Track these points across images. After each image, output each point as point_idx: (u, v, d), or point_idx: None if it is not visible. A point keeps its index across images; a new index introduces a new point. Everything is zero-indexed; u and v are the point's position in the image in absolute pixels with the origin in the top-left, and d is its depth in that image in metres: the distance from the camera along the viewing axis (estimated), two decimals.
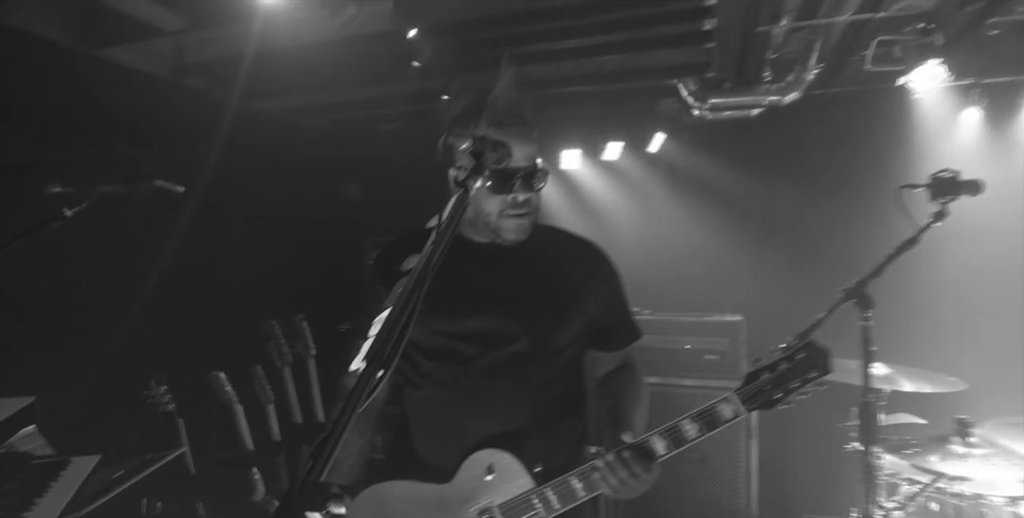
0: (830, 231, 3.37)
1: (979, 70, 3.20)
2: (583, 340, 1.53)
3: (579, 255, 1.54)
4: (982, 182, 1.93)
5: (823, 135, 3.53)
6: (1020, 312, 2.94)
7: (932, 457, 2.09)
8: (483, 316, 1.44)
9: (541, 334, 1.44)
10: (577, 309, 1.48)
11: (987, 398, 2.24)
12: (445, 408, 1.47)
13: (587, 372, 1.60)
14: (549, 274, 1.48)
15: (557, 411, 1.48)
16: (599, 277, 1.53)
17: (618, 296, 1.57)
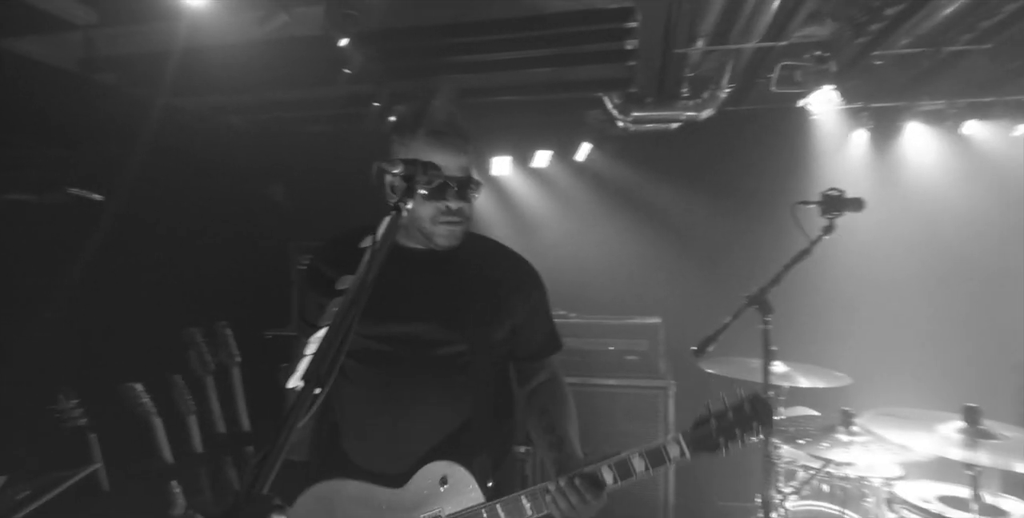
0: (739, 240, 3.64)
1: (867, 95, 3.55)
2: (509, 347, 1.59)
3: (509, 265, 1.61)
4: (864, 200, 2.17)
5: (734, 150, 3.81)
6: (897, 315, 3.32)
7: (822, 445, 2.32)
8: (413, 320, 1.48)
9: (470, 338, 1.49)
10: (505, 316, 1.54)
11: (869, 390, 2.51)
12: (375, 411, 1.50)
13: (514, 380, 1.68)
14: (480, 281, 1.53)
15: (485, 414, 1.52)
16: (527, 287, 1.60)
17: (543, 307, 1.64)
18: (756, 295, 2.10)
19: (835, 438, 2.33)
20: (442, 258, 1.52)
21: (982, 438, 1.80)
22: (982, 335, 3.28)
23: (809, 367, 2.61)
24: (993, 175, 3.53)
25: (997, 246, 3.40)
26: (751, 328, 2.12)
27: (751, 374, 2.51)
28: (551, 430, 1.56)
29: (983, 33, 2.97)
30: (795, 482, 2.57)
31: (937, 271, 3.46)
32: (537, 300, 1.62)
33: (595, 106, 3.94)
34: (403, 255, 1.52)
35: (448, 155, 1.39)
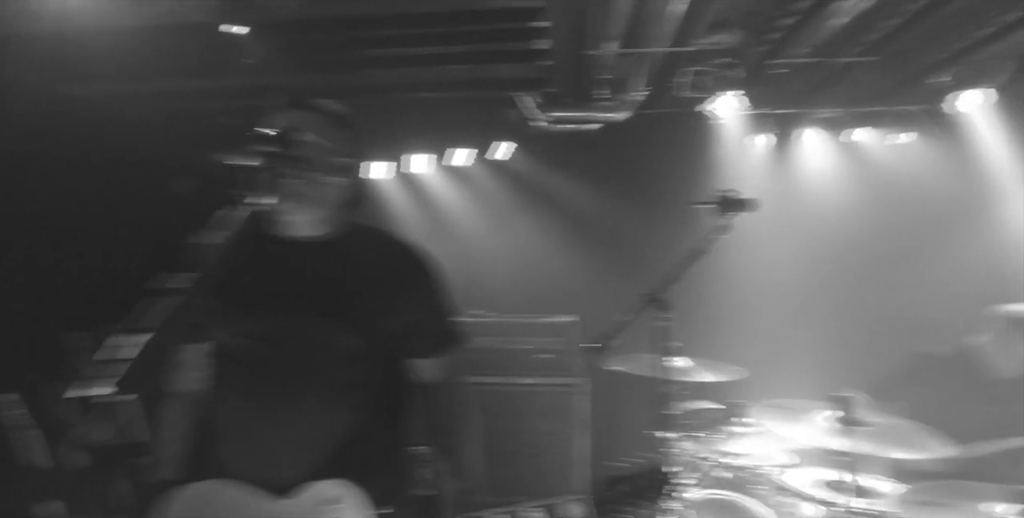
0: (653, 240, 3.73)
1: (771, 102, 3.73)
2: (398, 344, 1.51)
3: (395, 256, 1.53)
4: (757, 201, 2.25)
5: (650, 152, 3.91)
6: (791, 311, 3.51)
7: (719, 437, 2.41)
8: (294, 313, 1.41)
9: (363, 331, 1.42)
10: (397, 309, 1.47)
11: (766, 382, 2.63)
12: (255, 415, 1.42)
13: (408, 380, 1.61)
14: (369, 271, 1.46)
15: (371, 416, 1.46)
16: (415, 280, 1.53)
17: (435, 301, 1.56)
18: (654, 293, 2.14)
19: (731, 430, 2.43)
20: (326, 247, 1.45)
21: (855, 425, 1.91)
22: (870, 327, 3.51)
23: (711, 362, 2.71)
24: (878, 179, 3.79)
25: (882, 245, 3.66)
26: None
27: (657, 370, 2.57)
28: (441, 436, 1.53)
29: (871, 46, 3.18)
30: (696, 473, 2.66)
31: (827, 267, 3.69)
32: (432, 293, 1.55)
33: (516, 105, 3.95)
34: (280, 245, 1.45)
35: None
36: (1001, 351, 2.55)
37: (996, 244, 3.63)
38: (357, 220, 1.58)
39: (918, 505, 1.87)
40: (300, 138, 1.37)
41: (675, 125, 3.84)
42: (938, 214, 3.70)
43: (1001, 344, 2.55)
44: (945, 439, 1.95)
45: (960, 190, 3.69)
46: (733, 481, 2.64)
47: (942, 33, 3.15)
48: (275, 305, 1.41)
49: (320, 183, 1.41)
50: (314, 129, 1.43)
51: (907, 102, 3.70)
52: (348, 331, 1.42)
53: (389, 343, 1.48)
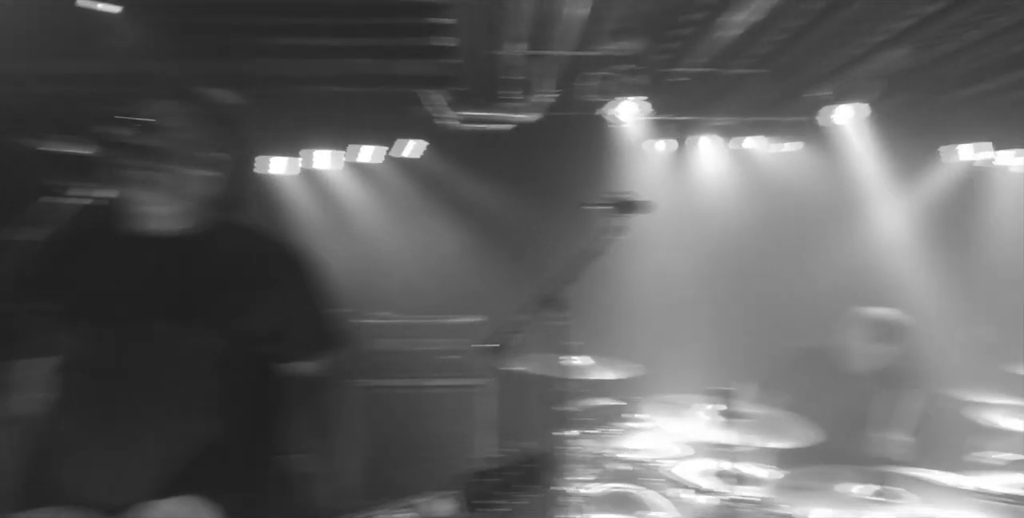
0: (559, 240, 3.80)
1: (671, 109, 3.89)
2: (266, 347, 1.42)
3: (261, 253, 1.44)
4: (652, 203, 2.32)
5: (557, 153, 3.97)
6: (683, 309, 3.68)
7: (616, 432, 2.47)
8: (136, 317, 1.30)
9: (221, 333, 1.33)
10: (250, 311, 1.37)
11: (659, 379, 2.73)
12: (97, 429, 1.29)
13: (280, 385, 1.52)
14: (220, 270, 1.37)
15: (233, 426, 1.36)
16: (283, 278, 1.43)
17: (307, 301, 1.47)
18: (550, 293, 2.16)
19: (627, 425, 2.49)
20: (184, 244, 1.35)
21: (735, 418, 2.02)
22: (755, 324, 3.74)
23: (610, 360, 2.78)
24: (765, 185, 4.05)
25: (767, 246, 3.91)
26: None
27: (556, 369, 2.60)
28: (312, 443, 1.46)
29: (761, 59, 3.37)
30: (596, 469, 2.71)
31: (717, 267, 3.91)
32: (304, 293, 1.46)
33: (427, 103, 3.89)
34: (132, 241, 1.33)
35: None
36: (858, 349, 2.78)
37: (864, 246, 3.99)
38: (230, 217, 1.48)
39: (791, 490, 2.00)
40: (162, 127, 1.27)
41: (581, 128, 3.92)
42: (816, 218, 4.00)
43: (858, 343, 2.78)
44: (814, 428, 2.09)
45: (835, 197, 4.01)
46: (630, 474, 2.72)
47: (821, 50, 3.40)
48: (123, 306, 1.29)
49: (180, 175, 1.31)
50: (180, 119, 1.34)
51: (792, 113, 3.97)
52: (204, 334, 1.32)
53: (255, 346, 1.39)
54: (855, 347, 2.81)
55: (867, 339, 2.77)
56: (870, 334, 2.77)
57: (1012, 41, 3.04)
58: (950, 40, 3.13)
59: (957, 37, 3.10)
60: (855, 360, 2.84)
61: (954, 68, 3.47)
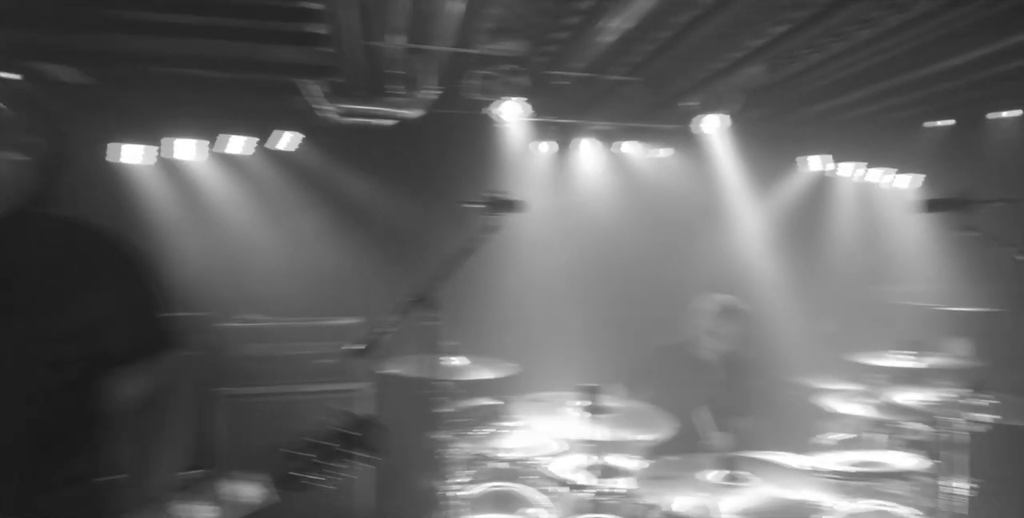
0: (439, 239, 3.75)
1: (553, 111, 3.97)
2: (80, 348, 1.25)
3: (74, 243, 1.29)
4: (524, 202, 2.33)
5: (442, 151, 3.92)
6: (559, 308, 3.76)
7: (493, 431, 2.46)
8: None
9: (18, 331, 1.17)
10: (80, 303, 1.23)
11: (535, 378, 2.76)
12: None
13: (101, 392, 1.35)
14: (21, 262, 1.21)
15: (38, 443, 1.21)
16: (99, 271, 1.29)
17: (133, 297, 1.32)
18: (421, 293, 2.10)
19: (501, 425, 2.49)
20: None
21: (600, 414, 2.07)
22: (631, 321, 3.90)
23: (488, 360, 2.76)
24: (642, 188, 4.25)
25: (643, 246, 4.10)
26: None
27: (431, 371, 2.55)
28: (135, 460, 1.30)
29: (635, 67, 3.53)
30: (473, 471, 2.69)
31: (593, 268, 4.05)
32: (128, 287, 1.31)
33: (303, 93, 3.69)
34: None
35: None
36: (711, 333, 3.04)
37: (727, 247, 4.31)
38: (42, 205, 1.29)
39: (653, 480, 2.08)
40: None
41: (465, 126, 3.89)
42: (686, 221, 4.26)
43: (710, 327, 3.04)
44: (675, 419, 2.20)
45: (703, 200, 4.28)
46: (509, 473, 2.72)
47: (688, 62, 3.61)
48: None
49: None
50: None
51: (665, 121, 4.19)
52: (6, 331, 1.15)
53: (65, 348, 1.22)
54: (701, 332, 3.07)
55: (710, 323, 3.04)
56: (712, 318, 3.04)
57: (846, 64, 3.39)
58: (796, 61, 3.45)
59: (802, 58, 3.42)
60: (704, 346, 3.09)
61: (801, 87, 3.82)
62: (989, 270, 3.82)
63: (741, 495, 1.96)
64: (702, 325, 3.07)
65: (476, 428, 2.57)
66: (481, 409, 2.68)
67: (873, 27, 2.95)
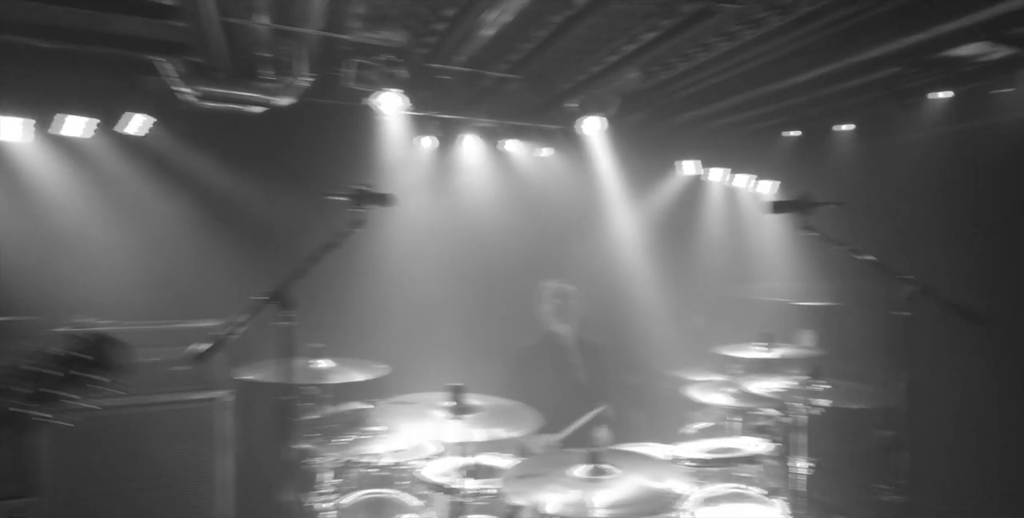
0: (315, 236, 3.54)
1: (436, 106, 3.88)
2: None
3: None
4: (394, 196, 2.24)
5: (315, 142, 3.70)
6: (435, 308, 3.69)
7: (364, 436, 2.34)
8: None
9: None
10: None
11: (408, 379, 2.66)
12: None
13: None
14: None
15: None
16: None
17: None
18: (276, 291, 1.94)
19: (371, 430, 2.37)
20: None
21: (464, 413, 2.02)
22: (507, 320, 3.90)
23: (360, 361, 2.63)
24: (522, 186, 4.27)
25: (522, 245, 4.12)
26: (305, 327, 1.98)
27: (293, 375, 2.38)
28: None
29: (515, 65, 3.53)
30: (339, 479, 2.55)
31: (472, 264, 4.01)
32: None
33: (154, 72, 3.33)
34: None
35: None
36: (552, 315, 3.32)
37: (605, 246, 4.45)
38: None
39: (522, 478, 2.06)
40: None
41: (342, 117, 3.71)
42: (565, 220, 4.33)
43: (551, 310, 3.32)
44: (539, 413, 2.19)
45: (582, 200, 4.39)
46: (382, 479, 2.61)
47: (566, 63, 3.68)
48: None
49: None
50: None
51: (548, 121, 4.25)
52: None
53: None
54: (550, 314, 3.33)
55: (551, 307, 3.33)
56: (551, 302, 3.34)
57: (710, 75, 3.61)
58: (667, 69, 3.62)
59: (673, 67, 3.60)
60: (554, 327, 3.32)
61: (672, 94, 4.02)
62: (832, 268, 4.23)
63: (607, 488, 1.98)
64: (544, 309, 3.34)
65: (344, 434, 2.43)
66: (349, 414, 2.54)
67: (732, 40, 3.15)
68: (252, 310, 1.94)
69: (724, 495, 2.46)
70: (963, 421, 3.56)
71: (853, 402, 2.37)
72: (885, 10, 2.73)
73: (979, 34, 2.98)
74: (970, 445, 3.59)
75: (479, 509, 2.32)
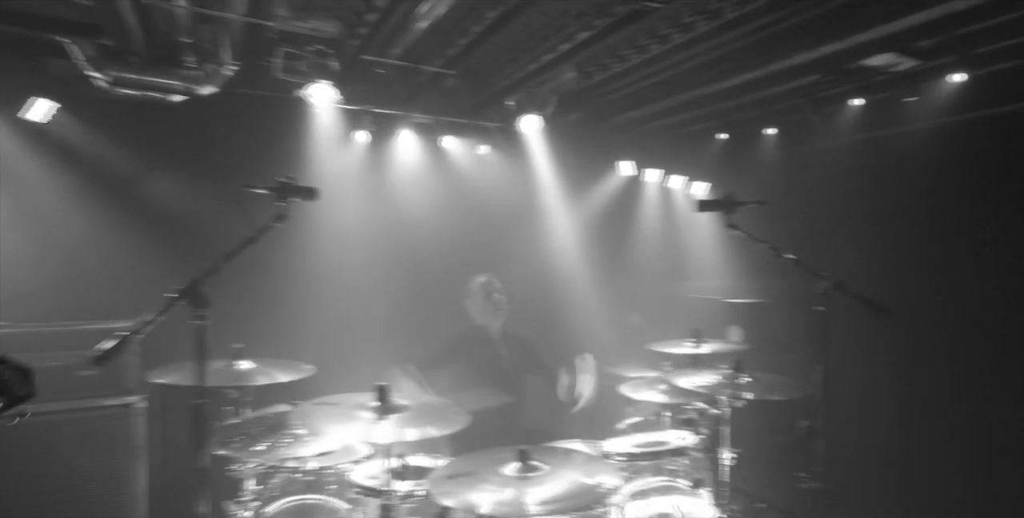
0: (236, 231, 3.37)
1: (370, 101, 3.79)
2: None
3: None
4: (317, 190, 2.15)
5: (240, 134, 3.53)
6: (367, 307, 3.60)
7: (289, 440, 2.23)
8: None
9: None
10: None
11: (335, 380, 2.57)
12: None
13: None
14: None
15: None
16: None
17: None
18: (187, 288, 1.83)
19: (296, 434, 2.27)
20: None
21: (391, 413, 1.97)
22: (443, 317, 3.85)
23: (279, 362, 2.52)
24: (460, 184, 4.23)
25: (454, 243, 4.07)
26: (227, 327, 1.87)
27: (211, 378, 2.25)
28: None
29: (451, 60, 3.48)
30: (260, 487, 2.43)
31: (405, 262, 3.94)
32: None
33: (61, 54, 3.09)
34: None
35: None
36: (478, 308, 3.33)
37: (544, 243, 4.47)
38: None
39: (448, 479, 2.02)
40: None
41: (271, 108, 3.56)
42: (503, 218, 4.31)
43: (480, 304, 3.34)
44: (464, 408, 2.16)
45: (520, 199, 4.38)
46: (307, 485, 2.51)
47: (503, 60, 3.67)
48: None
49: None
50: None
51: (486, 119, 4.22)
52: None
53: None
54: (476, 308, 3.34)
55: (480, 301, 3.33)
56: (480, 294, 3.34)
57: (644, 76, 3.68)
58: (603, 69, 3.67)
59: (608, 67, 3.64)
60: (481, 319, 3.32)
61: (608, 94, 4.08)
62: (757, 267, 4.41)
63: (538, 485, 1.97)
64: (472, 302, 3.35)
65: (267, 438, 2.32)
66: (272, 417, 2.43)
67: (663, 43, 3.22)
68: (161, 309, 1.82)
69: (653, 488, 2.50)
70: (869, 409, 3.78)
71: (774, 394, 2.46)
72: (805, 19, 2.85)
73: (888, 46, 3.17)
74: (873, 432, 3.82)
75: (410, 511, 2.26)
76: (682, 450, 2.47)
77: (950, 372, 3.85)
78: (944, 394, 3.81)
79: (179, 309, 1.86)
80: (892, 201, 4.02)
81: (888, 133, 4.18)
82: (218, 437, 2.24)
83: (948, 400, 3.77)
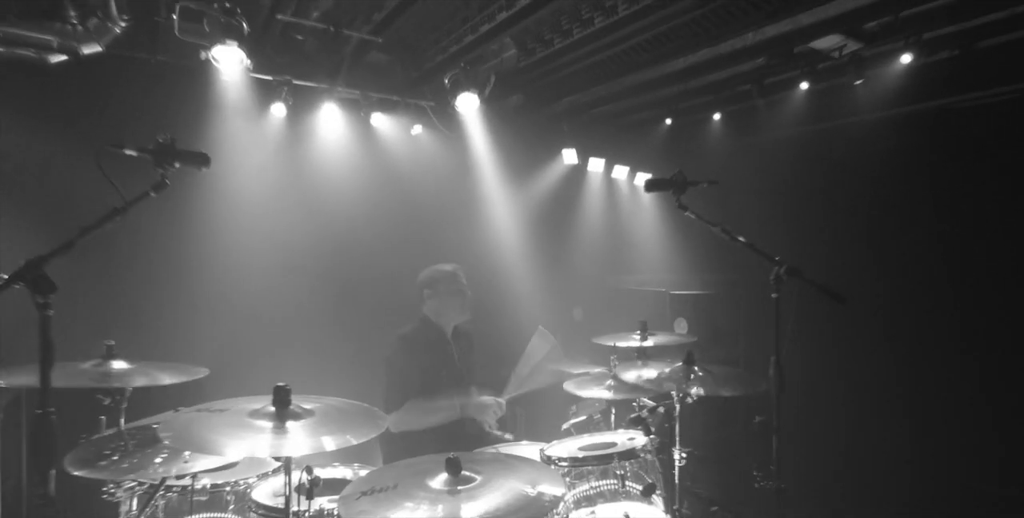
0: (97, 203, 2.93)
1: (287, 70, 3.40)
2: None
3: None
4: (208, 156, 1.80)
5: (132, 100, 3.08)
6: (258, 303, 3.21)
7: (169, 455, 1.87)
8: None
9: None
10: None
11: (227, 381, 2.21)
12: None
13: None
14: None
15: None
16: None
17: None
18: (25, 269, 1.45)
19: None
20: None
21: (294, 419, 1.65)
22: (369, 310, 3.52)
23: (165, 364, 2.13)
24: (390, 165, 3.89)
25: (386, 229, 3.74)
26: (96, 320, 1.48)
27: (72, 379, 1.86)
28: None
29: (379, 26, 3.15)
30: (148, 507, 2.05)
31: (323, 249, 3.57)
32: None
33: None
34: None
35: None
36: (443, 304, 2.94)
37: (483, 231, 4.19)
38: None
39: (361, 496, 1.72)
40: None
41: (175, 73, 3.14)
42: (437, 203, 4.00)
43: (440, 298, 2.94)
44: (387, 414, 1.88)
45: (455, 183, 4.09)
46: (200, 504, 2.15)
47: (437, 29, 3.37)
48: None
49: None
50: None
51: (419, 97, 3.91)
52: None
53: None
54: (435, 305, 2.95)
55: (442, 293, 2.94)
56: (438, 288, 2.94)
57: (587, 53, 3.45)
58: (543, 45, 3.43)
59: (548, 43, 3.40)
60: (438, 317, 2.96)
61: (549, 75, 3.83)
62: (705, 259, 4.29)
63: (471, 500, 1.69)
64: (430, 296, 2.96)
65: (147, 453, 1.94)
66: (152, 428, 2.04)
67: (607, 16, 3.01)
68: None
69: (599, 493, 2.27)
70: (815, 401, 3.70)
71: (727, 389, 2.28)
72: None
73: (833, 27, 3.08)
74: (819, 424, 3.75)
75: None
76: (632, 452, 2.25)
77: (896, 360, 3.84)
78: (892, 380, 3.79)
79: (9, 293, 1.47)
80: (832, 191, 3.99)
81: (830, 126, 4.15)
82: (82, 453, 1.85)
83: (899, 391, 3.75)
